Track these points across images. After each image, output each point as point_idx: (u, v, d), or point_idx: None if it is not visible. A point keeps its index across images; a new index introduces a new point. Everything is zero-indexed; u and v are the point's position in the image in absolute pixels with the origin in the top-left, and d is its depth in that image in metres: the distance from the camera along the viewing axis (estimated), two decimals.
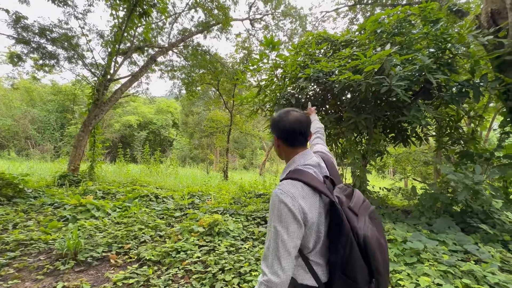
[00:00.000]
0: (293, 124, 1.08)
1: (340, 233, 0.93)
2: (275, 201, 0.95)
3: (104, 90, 7.58)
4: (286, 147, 1.12)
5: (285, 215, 0.92)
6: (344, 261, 0.92)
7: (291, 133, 1.09)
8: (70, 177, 6.74)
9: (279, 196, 0.94)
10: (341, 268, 0.93)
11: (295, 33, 13.12)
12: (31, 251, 3.09)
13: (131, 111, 27.37)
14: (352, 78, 3.63)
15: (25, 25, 7.10)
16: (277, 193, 0.96)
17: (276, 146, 1.15)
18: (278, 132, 1.11)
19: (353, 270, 0.92)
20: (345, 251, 0.91)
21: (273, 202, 0.96)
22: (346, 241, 0.91)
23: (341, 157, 5.66)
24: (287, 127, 1.09)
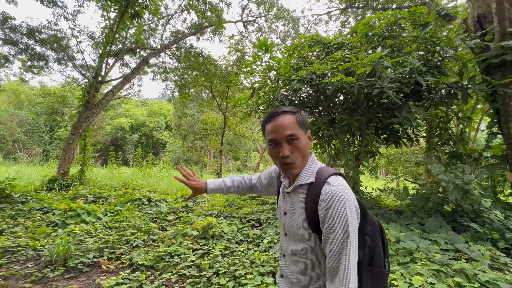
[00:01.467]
0: None
1: (366, 221, 0.90)
2: (351, 203, 0.82)
3: (95, 92, 7.45)
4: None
5: (354, 210, 0.82)
6: (372, 251, 0.90)
7: None
8: (60, 181, 6.57)
9: (349, 195, 0.83)
10: (368, 261, 0.89)
11: (288, 35, 13.22)
12: (19, 258, 3.00)
13: (123, 113, 26.99)
14: (345, 80, 3.67)
15: (12, 26, 6.94)
16: (343, 190, 0.83)
17: (307, 143, 0.96)
18: (308, 123, 0.99)
19: (379, 257, 0.91)
20: (372, 241, 0.89)
21: (338, 200, 0.81)
22: (373, 230, 0.90)
23: (334, 159, 5.71)
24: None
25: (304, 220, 0.90)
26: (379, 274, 0.91)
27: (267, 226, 4.08)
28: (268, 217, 4.41)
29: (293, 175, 0.95)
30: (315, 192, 0.87)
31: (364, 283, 0.87)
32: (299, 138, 0.91)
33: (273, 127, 0.92)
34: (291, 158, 0.90)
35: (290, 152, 0.90)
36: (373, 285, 0.89)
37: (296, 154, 0.91)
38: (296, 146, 0.90)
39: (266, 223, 4.24)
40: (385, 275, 0.92)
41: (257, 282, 2.41)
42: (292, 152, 0.91)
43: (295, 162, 0.91)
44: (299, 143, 0.91)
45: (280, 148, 0.91)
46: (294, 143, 0.90)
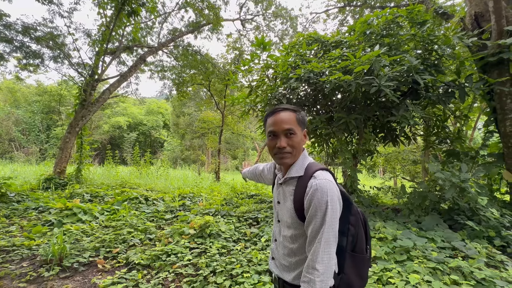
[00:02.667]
0: None
1: (351, 213, 1.00)
2: (332, 194, 0.91)
3: (91, 91, 7.39)
4: None
5: (338, 206, 0.93)
6: (354, 239, 1.01)
7: None
8: (56, 180, 6.53)
9: (329, 185, 0.92)
10: (351, 247, 1.01)
11: (286, 34, 13.18)
12: (13, 257, 2.97)
13: (120, 112, 26.85)
14: (342, 79, 3.66)
15: (7, 23, 6.85)
16: (326, 184, 0.92)
17: (302, 139, 1.06)
18: (306, 122, 1.09)
19: (361, 244, 1.03)
20: (355, 229, 1.01)
21: (328, 196, 0.90)
22: (356, 220, 1.01)
23: (332, 157, 5.72)
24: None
25: (292, 209, 1.00)
26: (361, 259, 1.03)
27: (265, 224, 4.07)
28: (266, 216, 4.41)
29: (285, 166, 1.06)
30: (303, 184, 0.97)
31: (347, 266, 0.99)
32: (296, 133, 1.02)
33: (274, 120, 1.03)
34: (286, 150, 1.01)
35: (286, 144, 1.01)
36: (356, 268, 1.01)
37: (291, 147, 1.02)
38: (292, 139, 1.01)
39: (263, 221, 4.24)
40: (366, 259, 1.04)
41: (254, 280, 2.41)
42: (288, 144, 1.01)
43: (289, 154, 1.02)
44: (295, 137, 1.02)
45: (278, 140, 1.01)
46: (291, 137, 1.01)
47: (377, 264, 2.58)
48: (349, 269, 0.99)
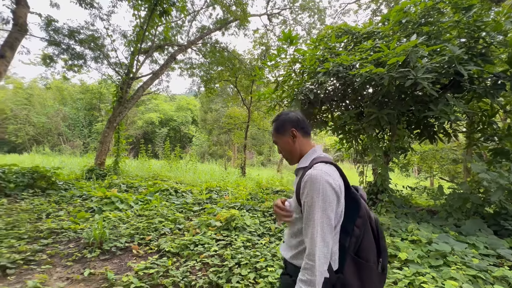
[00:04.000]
0: (302, 115, 1.20)
1: (358, 214, 1.00)
2: (320, 181, 0.95)
3: (127, 88, 7.89)
4: (303, 137, 1.17)
5: (330, 194, 0.95)
6: (359, 242, 0.99)
7: (305, 122, 1.19)
8: (97, 171, 7.12)
9: (324, 177, 0.96)
10: (354, 250, 0.99)
11: (314, 27, 12.80)
12: (62, 239, 3.31)
13: (152, 108, 28.32)
14: (374, 72, 3.47)
15: (55, 28, 7.55)
16: (320, 174, 0.96)
17: (290, 139, 1.16)
18: (295, 123, 1.16)
19: (367, 250, 1.00)
20: (360, 231, 0.99)
21: (316, 183, 0.95)
22: (363, 223, 1.00)
23: (362, 154, 5.48)
24: (299, 118, 1.18)
25: (294, 196, 1.08)
26: (366, 267, 0.99)
27: None
28: None
29: (291, 164, 1.21)
30: (304, 173, 1.04)
31: (348, 269, 0.97)
32: (277, 142, 1.20)
33: None
34: (282, 155, 1.22)
35: (278, 151, 1.24)
36: (359, 276, 0.98)
37: (282, 152, 1.21)
38: (279, 147, 1.21)
39: None
40: (372, 271, 1.00)
41: (278, 275, 2.42)
42: (280, 151, 1.22)
43: (285, 157, 1.21)
44: (279, 146, 1.21)
45: None
46: (278, 146, 1.21)
47: (408, 268, 2.44)
48: (349, 272, 0.98)
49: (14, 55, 5.60)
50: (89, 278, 2.50)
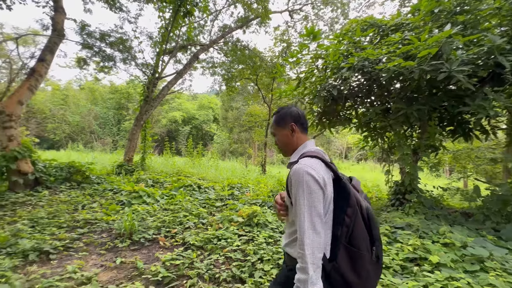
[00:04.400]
0: (303, 112, 1.26)
1: (348, 204, 1.03)
2: (302, 174, 1.01)
3: (153, 88, 8.22)
4: (300, 132, 1.23)
5: (313, 185, 1.00)
6: (350, 231, 1.02)
7: (305, 119, 1.25)
8: (126, 167, 7.51)
9: (306, 170, 1.01)
10: (346, 238, 1.02)
11: (337, 21, 12.43)
12: (96, 229, 3.55)
13: (176, 107, 29.24)
14: (403, 65, 3.31)
15: (88, 32, 8.04)
16: (302, 168, 1.02)
17: (289, 133, 1.21)
18: (295, 118, 1.22)
19: (358, 238, 1.03)
20: (351, 221, 1.02)
21: (299, 176, 1.01)
22: (353, 212, 1.03)
23: (388, 153, 5.25)
24: (300, 114, 1.24)
25: (286, 190, 1.14)
26: (358, 255, 1.02)
27: None
28: None
29: (285, 156, 1.28)
30: (292, 167, 1.09)
31: (341, 257, 1.01)
32: (276, 134, 1.26)
33: None
34: (278, 146, 1.27)
35: (275, 143, 1.29)
36: (351, 263, 1.02)
37: (278, 144, 1.27)
38: (276, 139, 1.26)
39: None
40: (365, 259, 1.03)
41: None
42: (276, 143, 1.29)
43: (280, 149, 1.27)
44: (276, 138, 1.26)
45: None
46: (275, 138, 1.27)
47: (440, 271, 2.31)
48: (342, 261, 1.01)
49: (53, 59, 6.06)
50: (121, 266, 2.66)
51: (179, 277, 2.45)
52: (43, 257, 2.71)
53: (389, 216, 3.89)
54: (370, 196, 6.01)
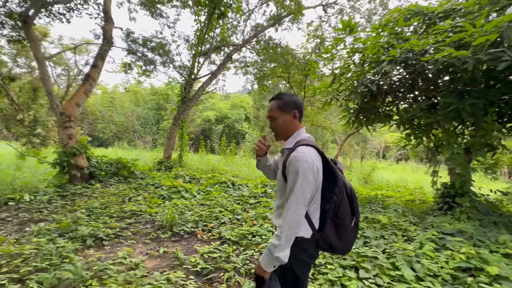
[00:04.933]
0: (302, 101, 1.38)
1: (336, 185, 1.23)
2: (302, 163, 1.14)
3: (189, 88, 8.62)
4: (297, 120, 1.34)
5: (309, 175, 1.15)
6: (337, 206, 1.24)
7: (303, 107, 1.37)
8: (165, 163, 8.01)
9: (305, 159, 1.15)
10: (333, 212, 1.24)
11: (375, 13, 11.71)
12: (141, 220, 3.85)
13: (209, 107, 30.28)
14: (455, 55, 3.01)
15: (133, 39, 8.71)
16: (302, 158, 1.15)
17: (291, 119, 1.32)
18: (298, 106, 1.33)
19: (343, 212, 1.25)
20: (338, 198, 1.23)
21: (299, 165, 1.14)
22: (340, 191, 1.24)
23: (434, 152, 4.81)
24: (301, 102, 1.36)
25: (281, 173, 1.27)
26: (342, 224, 1.25)
27: None
28: None
29: (277, 140, 1.37)
30: (289, 154, 1.22)
31: (328, 228, 1.24)
32: (276, 118, 1.32)
33: (267, 109, 1.36)
34: (273, 130, 1.35)
35: (271, 127, 1.36)
36: (336, 232, 1.25)
37: (275, 128, 1.34)
38: (274, 123, 1.33)
39: None
40: (348, 227, 1.27)
41: (338, 273, 2.34)
42: (272, 127, 1.35)
43: (275, 133, 1.35)
44: (276, 122, 1.33)
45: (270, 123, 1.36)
46: (273, 122, 1.34)
47: (501, 285, 2.06)
48: (329, 230, 1.23)
49: (103, 65, 6.70)
50: (163, 255, 2.85)
51: (217, 270, 2.55)
52: (98, 243, 3.03)
53: (436, 221, 3.58)
54: (412, 199, 5.59)
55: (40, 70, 5.46)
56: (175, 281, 2.28)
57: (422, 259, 2.50)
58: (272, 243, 1.16)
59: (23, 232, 3.18)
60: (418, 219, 3.85)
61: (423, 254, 2.60)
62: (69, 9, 6.38)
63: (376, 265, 2.44)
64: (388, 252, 2.72)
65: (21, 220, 3.60)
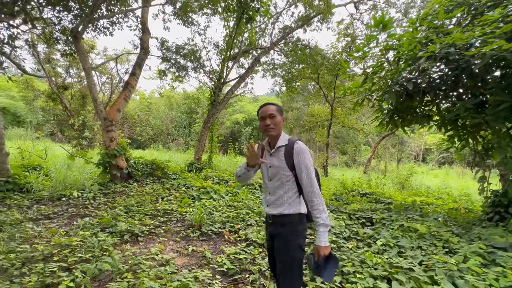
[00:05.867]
0: None
1: (316, 172, 1.61)
2: (307, 151, 1.52)
3: (219, 92, 8.88)
4: None
5: (310, 158, 1.52)
6: (318, 180, 1.62)
7: None
8: (196, 165, 8.33)
9: (306, 148, 1.53)
10: (318, 181, 1.59)
11: (412, 6, 10.97)
12: (172, 219, 4.05)
13: (238, 109, 30.84)
14: (506, 48, 2.69)
15: (167, 47, 9.25)
16: (303, 147, 1.53)
17: (282, 120, 1.58)
18: (283, 112, 1.63)
19: (319, 182, 1.66)
20: (318, 181, 1.60)
21: (305, 153, 1.50)
22: (317, 174, 1.63)
23: (483, 156, 4.33)
24: None
25: (285, 165, 1.52)
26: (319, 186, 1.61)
27: (381, 227, 3.64)
28: (382, 217, 3.93)
29: (271, 137, 1.58)
30: (289, 148, 1.53)
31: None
32: (276, 116, 1.56)
33: (263, 110, 1.58)
34: (271, 126, 1.54)
35: (270, 123, 1.55)
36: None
37: (274, 124, 1.54)
38: (274, 120, 1.55)
39: (379, 223, 3.80)
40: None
41: (369, 284, 2.21)
42: (272, 123, 1.55)
43: (272, 128, 1.54)
44: (276, 119, 1.56)
45: (265, 120, 1.55)
46: (273, 119, 1.55)
47: None
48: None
49: (141, 72, 7.21)
50: (192, 253, 2.96)
51: (242, 271, 2.57)
52: (134, 238, 3.25)
53: (484, 233, 3.20)
54: (456, 207, 5.08)
55: (87, 80, 6.06)
56: (202, 279, 2.35)
57: (466, 274, 2.25)
58: (322, 218, 1.44)
59: (71, 226, 3.54)
60: (463, 230, 3.48)
61: (467, 269, 2.35)
62: (112, 23, 6.99)
63: (411, 278, 2.26)
64: (426, 264, 2.50)
65: (70, 214, 4.01)
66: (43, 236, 3.08)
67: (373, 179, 9.50)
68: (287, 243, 1.50)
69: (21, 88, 16.21)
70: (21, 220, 3.54)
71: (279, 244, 1.53)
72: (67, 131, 14.76)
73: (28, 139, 12.97)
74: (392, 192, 6.87)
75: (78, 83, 14.96)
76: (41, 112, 22.07)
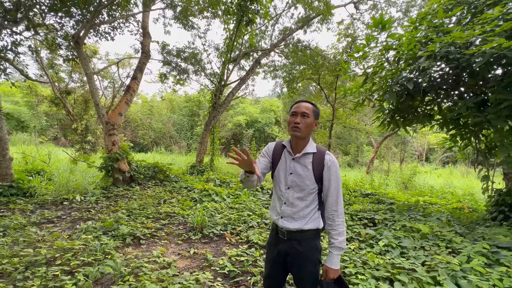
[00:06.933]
0: None
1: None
2: (336, 164, 1.41)
3: (219, 94, 8.91)
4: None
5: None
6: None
7: None
8: (197, 168, 8.34)
9: (336, 161, 1.42)
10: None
11: (413, 5, 10.95)
12: (174, 221, 4.06)
13: (240, 112, 30.91)
14: (506, 46, 2.67)
15: (168, 51, 9.32)
16: (334, 160, 1.42)
17: (314, 124, 1.44)
18: (319, 116, 1.49)
19: None
20: None
21: (337, 167, 1.41)
22: None
23: (485, 154, 4.29)
24: None
25: (312, 175, 1.40)
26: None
27: (383, 227, 3.62)
28: (385, 218, 3.91)
29: (296, 139, 1.43)
30: (319, 158, 1.41)
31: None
32: (309, 116, 1.41)
33: (298, 106, 1.43)
34: (300, 125, 1.39)
35: (300, 122, 1.39)
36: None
37: (303, 125, 1.39)
38: (305, 120, 1.40)
39: (381, 224, 3.78)
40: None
41: (371, 285, 2.20)
42: (301, 122, 1.39)
43: (301, 129, 1.39)
44: (308, 119, 1.41)
45: (296, 117, 1.40)
46: (305, 118, 1.40)
47: None
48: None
49: (142, 76, 7.26)
50: (194, 256, 2.96)
51: (243, 273, 2.57)
52: (136, 241, 3.26)
53: (487, 232, 3.17)
54: (460, 207, 5.03)
55: (89, 84, 6.12)
56: (203, 282, 2.35)
57: (470, 274, 2.23)
58: (339, 241, 1.36)
59: (74, 229, 3.56)
60: (466, 230, 3.45)
61: (470, 269, 2.32)
62: (113, 28, 7.06)
63: (413, 278, 2.25)
64: (429, 264, 2.48)
65: (73, 218, 4.04)
66: (46, 240, 3.11)
67: (376, 179, 9.45)
68: (311, 264, 1.41)
69: (24, 94, 16.41)
70: (25, 224, 3.57)
71: (302, 264, 1.41)
72: (70, 135, 14.89)
73: (32, 144, 13.10)
74: (394, 192, 6.82)
75: (81, 87, 15.10)
76: (45, 117, 22.28)
